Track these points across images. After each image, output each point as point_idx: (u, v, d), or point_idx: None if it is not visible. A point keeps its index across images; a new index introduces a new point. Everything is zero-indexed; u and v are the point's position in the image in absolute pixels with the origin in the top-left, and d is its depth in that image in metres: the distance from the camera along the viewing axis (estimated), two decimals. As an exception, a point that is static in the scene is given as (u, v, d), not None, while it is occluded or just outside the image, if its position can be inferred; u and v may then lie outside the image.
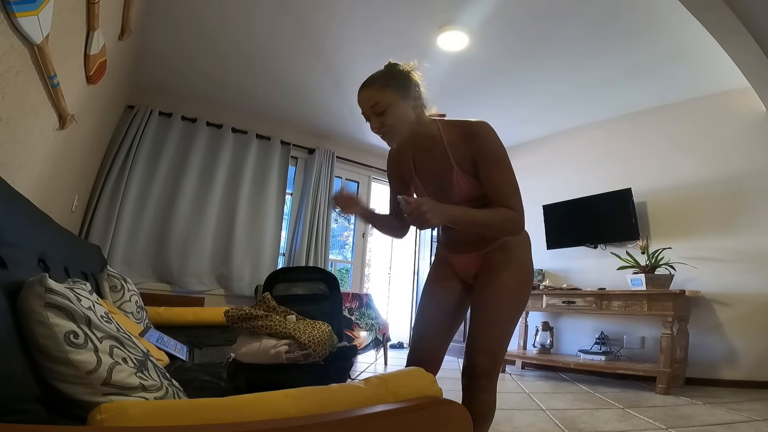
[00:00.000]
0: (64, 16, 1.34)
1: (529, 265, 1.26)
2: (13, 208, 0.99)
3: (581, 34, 2.73)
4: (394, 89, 1.14)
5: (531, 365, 3.93)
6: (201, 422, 0.60)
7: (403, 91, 1.15)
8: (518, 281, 1.20)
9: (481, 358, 1.13)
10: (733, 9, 2.08)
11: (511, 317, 1.18)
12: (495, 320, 1.15)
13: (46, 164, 1.69)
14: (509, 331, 1.18)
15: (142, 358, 0.86)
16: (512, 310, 1.19)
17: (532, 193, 4.44)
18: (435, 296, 1.30)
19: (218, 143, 4.00)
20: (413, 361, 1.23)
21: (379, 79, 1.16)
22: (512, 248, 1.22)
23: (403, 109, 1.15)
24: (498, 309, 1.16)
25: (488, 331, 1.15)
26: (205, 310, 3.07)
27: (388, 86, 1.14)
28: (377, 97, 1.13)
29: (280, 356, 1.05)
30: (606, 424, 2.07)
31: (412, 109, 1.17)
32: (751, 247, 2.98)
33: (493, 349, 1.14)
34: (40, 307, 0.69)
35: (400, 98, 1.14)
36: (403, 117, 1.15)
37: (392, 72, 1.17)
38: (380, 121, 1.15)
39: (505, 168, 1.15)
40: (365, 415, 0.67)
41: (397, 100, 1.14)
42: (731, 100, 3.22)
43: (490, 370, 1.13)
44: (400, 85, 1.15)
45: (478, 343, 1.14)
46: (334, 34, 2.93)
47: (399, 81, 1.15)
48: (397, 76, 1.16)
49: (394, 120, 1.14)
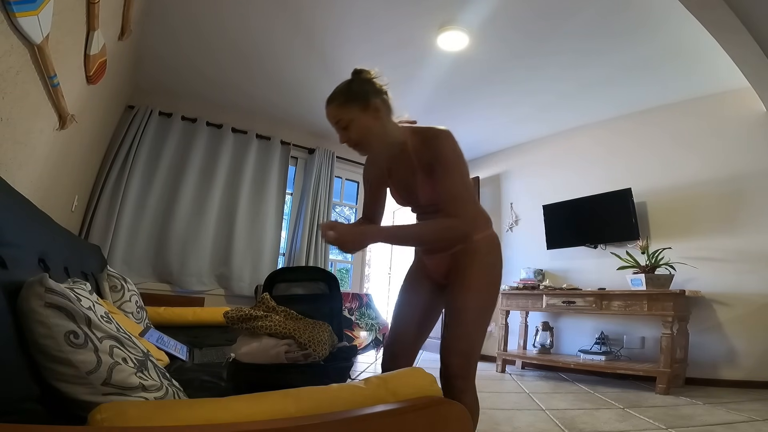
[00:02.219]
0: (64, 16, 1.34)
1: (496, 265, 1.27)
2: (13, 208, 0.99)
3: (583, 31, 2.72)
4: (354, 104, 1.17)
5: (531, 365, 3.93)
6: (201, 422, 0.60)
7: (364, 103, 1.17)
8: (485, 282, 1.23)
9: (453, 358, 1.16)
10: (733, 8, 2.08)
11: (480, 317, 1.21)
12: (463, 321, 1.18)
13: (46, 164, 1.69)
14: (479, 331, 1.21)
15: (142, 358, 0.86)
16: (480, 310, 1.22)
17: (532, 192, 4.45)
18: (409, 294, 1.36)
19: (218, 143, 4.00)
20: (388, 355, 1.29)
21: (340, 94, 1.19)
22: (479, 250, 1.24)
23: (366, 122, 1.18)
24: (465, 310, 1.19)
25: (458, 333, 1.18)
26: (205, 310, 3.07)
27: (348, 101, 1.17)
28: (339, 113, 1.18)
29: (280, 356, 1.05)
30: (606, 424, 2.07)
31: (376, 120, 1.19)
32: (751, 247, 2.98)
33: (463, 349, 1.17)
34: (40, 306, 0.69)
35: (362, 111, 1.17)
36: (368, 129, 1.19)
37: (352, 86, 1.20)
38: (346, 136, 1.20)
39: (453, 173, 1.15)
40: (365, 415, 0.67)
41: (358, 114, 1.17)
42: (731, 100, 3.22)
43: (463, 371, 1.16)
44: (361, 98, 1.18)
45: (450, 345, 1.18)
46: (332, 33, 2.93)
47: (359, 94, 1.18)
48: (357, 89, 1.19)
49: (358, 134, 1.18)
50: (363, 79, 1.22)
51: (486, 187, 4.94)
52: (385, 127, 1.22)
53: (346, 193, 5.01)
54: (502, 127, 4.34)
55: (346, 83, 1.21)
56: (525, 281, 3.89)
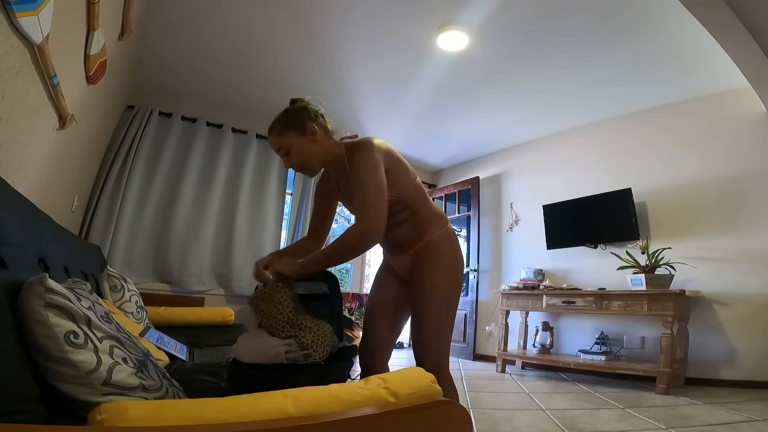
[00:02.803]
0: (64, 16, 1.34)
1: (454, 259, 1.33)
2: (13, 208, 0.99)
3: (583, 31, 2.72)
4: (291, 131, 1.26)
5: (531, 365, 3.93)
6: (201, 422, 0.60)
7: (300, 129, 1.26)
8: (443, 276, 1.29)
9: (425, 354, 1.24)
10: (733, 8, 2.08)
11: (443, 311, 1.28)
12: (428, 317, 1.26)
13: (46, 164, 1.69)
14: (445, 323, 1.28)
15: (142, 358, 0.86)
16: (442, 305, 1.28)
17: (532, 192, 4.45)
18: (379, 291, 1.44)
19: (218, 143, 4.00)
20: (364, 351, 1.37)
21: (278, 124, 1.28)
22: (434, 247, 1.31)
23: (304, 147, 1.27)
24: (428, 306, 1.27)
25: (425, 330, 1.26)
26: (205, 310, 3.08)
27: (285, 129, 1.27)
28: (279, 141, 1.27)
29: (280, 356, 1.04)
30: (606, 424, 2.07)
31: (314, 143, 1.28)
32: (751, 247, 2.98)
33: (433, 345, 1.25)
34: (40, 307, 0.69)
35: (298, 137, 1.26)
36: (306, 152, 1.27)
37: (288, 114, 1.29)
38: (289, 161, 1.29)
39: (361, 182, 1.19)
40: (365, 415, 0.67)
41: (296, 140, 1.26)
42: (731, 100, 3.22)
43: (436, 364, 1.21)
44: (296, 125, 1.26)
45: (419, 341, 1.27)
46: (333, 33, 2.93)
47: (294, 121, 1.27)
48: (292, 117, 1.28)
49: (299, 158, 1.27)
50: (298, 107, 1.30)
51: (486, 187, 4.94)
52: (324, 148, 1.30)
53: (346, 193, 5.00)
54: (502, 127, 4.34)
55: (283, 113, 1.31)
56: (525, 281, 3.89)
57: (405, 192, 1.29)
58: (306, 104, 1.32)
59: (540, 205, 4.19)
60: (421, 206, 1.33)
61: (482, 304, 4.64)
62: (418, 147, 4.98)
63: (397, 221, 1.31)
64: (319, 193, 1.49)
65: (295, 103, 1.32)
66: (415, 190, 1.32)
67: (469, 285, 4.78)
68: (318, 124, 1.29)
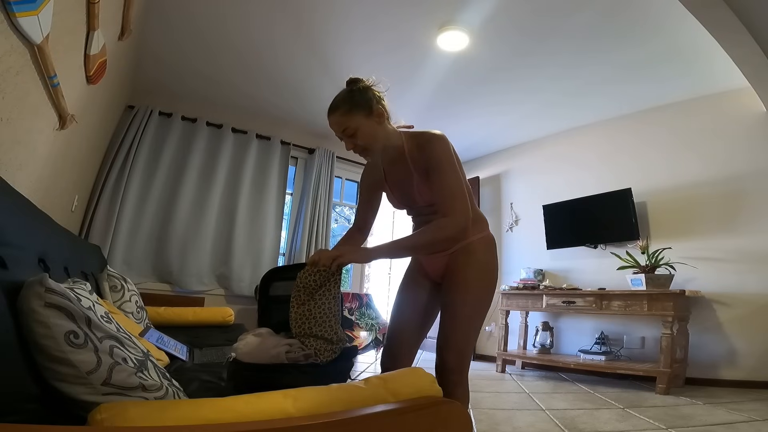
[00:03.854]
0: (64, 16, 1.34)
1: (492, 266, 1.32)
2: (13, 208, 0.99)
3: (583, 31, 2.72)
4: (359, 111, 1.21)
5: (531, 365, 3.93)
6: (201, 422, 0.60)
7: (368, 110, 1.22)
8: (480, 282, 1.27)
9: (449, 355, 1.21)
10: (733, 8, 2.08)
11: (474, 316, 1.26)
12: (459, 319, 1.23)
13: (46, 164, 1.69)
14: (473, 329, 1.25)
15: (142, 358, 0.86)
16: (474, 310, 1.25)
17: (532, 192, 4.45)
18: (407, 293, 1.40)
19: (218, 143, 4.00)
20: (387, 356, 1.33)
21: (343, 103, 1.22)
22: (475, 250, 1.28)
23: (371, 128, 1.23)
24: (461, 308, 1.24)
25: (453, 330, 1.23)
26: (205, 310, 3.08)
27: (353, 109, 1.21)
28: (345, 122, 1.22)
29: (280, 356, 1.04)
30: (606, 424, 2.07)
31: (379, 125, 1.25)
32: (751, 247, 2.98)
33: (459, 347, 1.22)
34: (40, 306, 0.69)
35: (366, 118, 1.22)
36: (373, 134, 1.24)
37: (354, 94, 1.23)
38: (353, 143, 1.24)
39: (448, 172, 1.19)
40: (365, 415, 0.67)
41: (364, 121, 1.22)
42: (731, 99, 3.22)
43: (459, 366, 1.21)
44: (364, 105, 1.22)
45: (445, 341, 1.23)
46: (333, 33, 2.93)
47: (362, 102, 1.22)
48: (359, 97, 1.23)
49: (365, 140, 1.24)
50: (363, 87, 1.25)
51: (486, 187, 4.94)
52: (386, 131, 1.27)
53: (346, 193, 5.01)
54: (502, 127, 4.34)
55: (347, 92, 1.24)
56: (525, 281, 3.89)
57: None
58: (371, 84, 1.27)
59: (540, 205, 4.19)
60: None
61: (482, 304, 4.63)
62: (418, 147, 4.97)
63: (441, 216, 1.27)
64: (365, 184, 1.46)
65: (357, 84, 1.26)
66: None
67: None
68: (383, 107, 1.26)
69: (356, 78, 1.27)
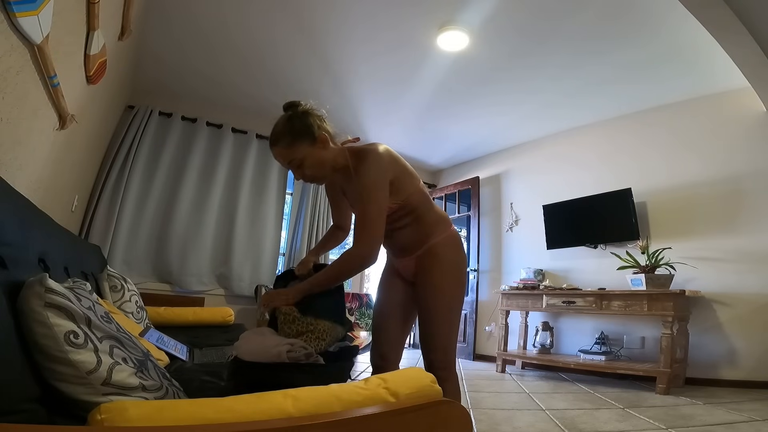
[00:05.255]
0: (64, 16, 1.34)
1: (458, 262, 1.35)
2: (13, 208, 0.99)
3: (583, 31, 2.72)
4: (302, 141, 1.18)
5: (531, 365, 3.93)
6: (201, 422, 0.60)
7: (310, 138, 1.19)
8: (449, 280, 1.31)
9: (432, 354, 1.28)
10: (733, 8, 2.08)
11: (449, 313, 1.30)
12: (435, 320, 1.28)
13: (46, 164, 1.69)
14: (451, 325, 1.30)
15: (142, 358, 0.86)
16: (449, 307, 1.30)
17: (532, 192, 4.45)
18: (386, 292, 1.45)
19: (218, 143, 4.00)
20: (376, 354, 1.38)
21: (284, 135, 1.18)
22: (438, 252, 1.31)
23: (317, 156, 1.20)
24: (434, 308, 1.29)
25: (432, 332, 1.28)
26: (205, 310, 3.08)
27: (296, 140, 1.18)
28: (290, 154, 1.18)
29: (281, 355, 1.04)
30: (606, 424, 2.07)
31: (324, 150, 1.22)
32: (751, 247, 2.98)
33: (440, 344, 1.28)
34: (40, 306, 0.69)
35: (310, 147, 1.19)
36: (320, 162, 1.21)
37: (293, 121, 1.19)
38: (302, 173, 1.22)
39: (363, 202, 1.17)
40: (365, 415, 0.67)
41: (309, 150, 1.19)
42: (731, 99, 3.22)
43: (444, 363, 1.27)
44: (306, 133, 1.18)
45: (427, 342, 1.29)
46: (333, 33, 2.93)
47: (303, 129, 1.18)
48: (299, 124, 1.19)
49: (313, 170, 1.22)
50: (302, 111, 1.21)
51: (486, 187, 4.94)
52: (333, 155, 1.24)
53: (346, 193, 5.00)
54: (502, 127, 4.34)
55: (286, 120, 1.20)
56: (525, 281, 3.89)
57: (409, 197, 1.28)
58: (309, 108, 1.24)
59: (540, 205, 4.19)
60: (425, 211, 1.33)
61: (482, 304, 4.64)
62: (418, 147, 4.98)
63: (401, 225, 1.32)
64: (330, 195, 1.50)
65: (296, 108, 1.22)
66: (419, 196, 1.31)
67: (470, 285, 4.78)
68: (324, 129, 1.23)
69: (293, 102, 1.23)
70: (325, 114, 1.27)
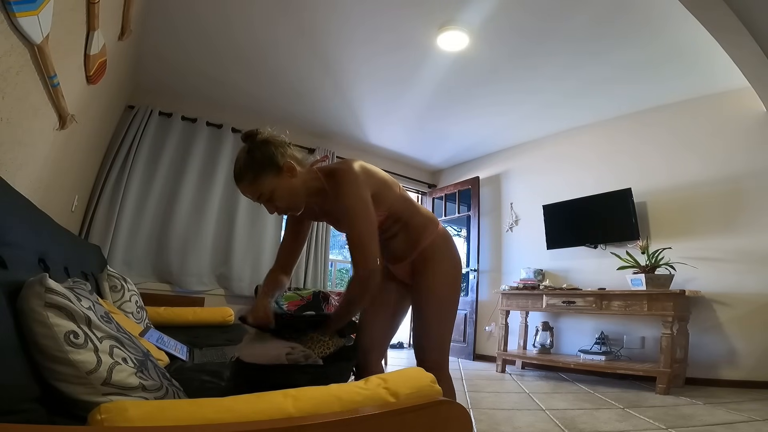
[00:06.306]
0: (64, 16, 1.34)
1: (451, 260, 1.35)
2: (13, 208, 0.99)
3: (583, 31, 2.71)
4: (266, 173, 1.11)
5: (531, 365, 3.93)
6: (201, 422, 0.60)
7: (275, 169, 1.12)
8: (443, 279, 1.31)
9: (426, 354, 1.29)
10: (733, 8, 2.08)
11: (444, 313, 1.31)
12: (429, 319, 1.30)
13: (46, 164, 1.69)
14: (445, 325, 1.32)
15: (142, 358, 0.86)
16: (443, 307, 1.31)
17: (532, 192, 4.45)
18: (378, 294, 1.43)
19: (218, 143, 4.00)
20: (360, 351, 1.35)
21: (247, 170, 1.12)
22: (430, 255, 1.32)
23: (286, 186, 1.14)
24: (429, 309, 1.30)
25: (425, 329, 1.30)
26: (205, 310, 3.08)
27: (260, 174, 1.11)
28: (257, 189, 1.13)
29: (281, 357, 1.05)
30: (606, 424, 2.07)
31: (293, 178, 1.15)
32: (751, 247, 2.98)
33: (434, 344, 1.30)
34: (40, 306, 0.69)
35: (277, 177, 1.13)
36: (291, 192, 1.16)
37: (254, 154, 1.12)
38: (274, 207, 1.17)
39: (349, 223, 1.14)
40: (365, 416, 0.67)
41: (276, 182, 1.13)
42: (731, 100, 3.22)
43: (438, 364, 1.26)
44: (269, 164, 1.12)
45: (421, 341, 1.30)
46: (333, 34, 2.93)
47: (266, 161, 1.12)
48: (261, 156, 1.12)
49: (284, 202, 1.16)
50: (261, 140, 1.14)
51: (486, 187, 4.94)
52: (303, 180, 1.18)
53: (346, 193, 5.00)
54: (502, 127, 4.34)
55: (246, 154, 1.13)
56: (525, 281, 3.89)
57: (392, 206, 1.28)
58: (269, 136, 1.15)
59: (540, 205, 4.19)
60: (411, 215, 1.33)
61: (482, 304, 4.64)
62: (418, 147, 4.98)
63: (391, 234, 1.32)
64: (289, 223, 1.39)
65: (255, 138, 1.14)
66: (401, 202, 1.30)
67: (469, 285, 4.78)
68: (290, 156, 1.16)
69: (250, 132, 1.15)
70: (287, 139, 1.19)
